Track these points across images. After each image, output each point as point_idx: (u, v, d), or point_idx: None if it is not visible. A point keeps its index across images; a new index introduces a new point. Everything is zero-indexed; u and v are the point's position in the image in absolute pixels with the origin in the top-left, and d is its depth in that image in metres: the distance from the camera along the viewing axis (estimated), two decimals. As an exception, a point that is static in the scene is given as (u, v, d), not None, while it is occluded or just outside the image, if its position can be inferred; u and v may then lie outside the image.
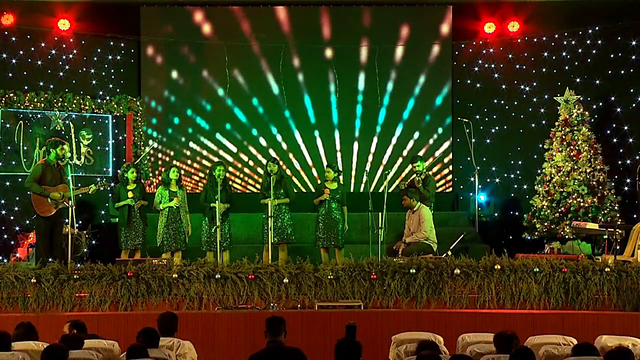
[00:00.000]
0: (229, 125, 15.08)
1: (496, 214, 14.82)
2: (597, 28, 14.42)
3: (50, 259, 10.84)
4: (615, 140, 14.22)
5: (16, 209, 13.62)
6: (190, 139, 15.04)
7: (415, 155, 13.54)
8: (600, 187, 13.19)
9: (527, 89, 14.85)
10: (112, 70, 14.78)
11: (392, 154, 15.08)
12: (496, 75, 15.05)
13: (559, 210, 13.21)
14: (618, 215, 13.12)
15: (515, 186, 14.96)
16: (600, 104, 14.38)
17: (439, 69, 15.17)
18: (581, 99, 13.70)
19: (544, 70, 14.80)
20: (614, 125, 14.26)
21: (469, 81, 15.17)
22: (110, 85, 14.71)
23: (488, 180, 14.96)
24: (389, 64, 15.08)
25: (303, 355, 6.03)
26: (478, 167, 14.10)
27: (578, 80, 14.46)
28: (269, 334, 6.69)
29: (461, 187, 15.21)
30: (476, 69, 15.13)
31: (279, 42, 14.95)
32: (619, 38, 14.30)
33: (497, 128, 15.09)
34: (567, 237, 13.05)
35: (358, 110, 15.14)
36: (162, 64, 15.06)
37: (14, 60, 14.09)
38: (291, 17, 15.10)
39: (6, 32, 14.01)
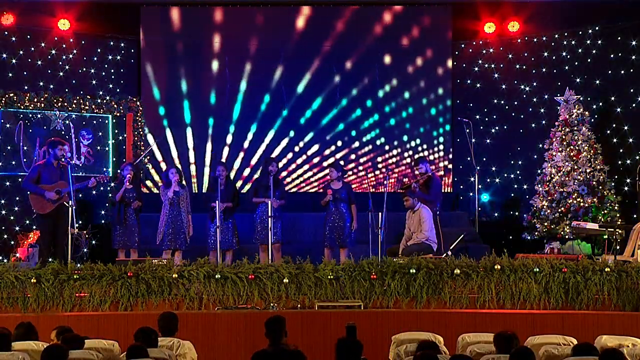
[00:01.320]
0: (228, 125, 15.07)
1: (496, 214, 14.82)
2: (597, 28, 14.42)
3: (50, 259, 10.84)
4: (615, 140, 14.22)
5: (16, 209, 13.62)
6: (190, 138, 15.03)
7: (418, 158, 13.53)
8: (600, 187, 13.19)
9: (527, 89, 14.86)
10: (112, 70, 14.79)
11: (391, 154, 15.08)
12: (496, 75, 15.05)
13: (559, 210, 13.21)
14: (618, 215, 13.12)
15: (515, 186, 14.96)
16: (600, 104, 14.38)
17: (439, 69, 15.18)
18: (581, 99, 13.71)
19: (544, 70, 14.80)
20: (614, 125, 14.26)
21: (469, 81, 15.18)
22: (110, 85, 14.72)
23: (488, 180, 14.97)
24: (389, 63, 15.08)
25: (304, 358, 6.02)
26: (478, 167, 14.11)
27: (578, 80, 14.47)
28: (270, 336, 6.66)
29: (461, 187, 15.21)
30: (476, 69, 15.14)
31: (280, 42, 14.95)
32: (619, 38, 14.30)
33: (497, 128, 15.10)
34: (567, 237, 13.06)
35: (358, 110, 15.14)
36: (162, 64, 15.05)
37: (14, 60, 14.10)
38: (291, 17, 15.11)
39: (6, 32, 14.01)
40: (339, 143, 15.14)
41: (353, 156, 15.13)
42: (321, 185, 14.24)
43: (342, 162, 14.77)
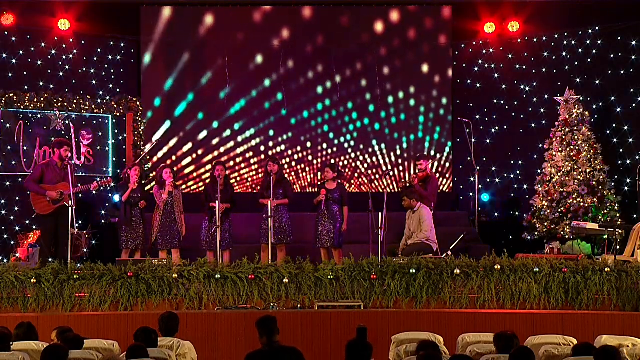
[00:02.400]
0: (228, 124, 15.08)
1: (496, 214, 14.82)
2: (597, 28, 14.42)
3: (51, 259, 10.84)
4: (615, 140, 14.22)
5: (16, 209, 13.63)
6: (190, 138, 15.04)
7: (420, 154, 13.54)
8: (600, 187, 13.19)
9: (527, 89, 14.86)
10: (112, 70, 14.79)
11: (391, 154, 15.08)
12: (496, 75, 15.05)
13: (559, 210, 13.21)
14: (618, 215, 13.12)
15: (515, 186, 14.96)
16: (600, 104, 14.38)
17: (438, 69, 15.18)
18: (581, 99, 13.71)
19: (544, 70, 14.80)
20: (614, 125, 14.26)
21: (469, 81, 15.18)
22: (110, 85, 14.72)
23: (488, 180, 14.97)
24: (388, 64, 15.08)
25: (300, 354, 6.05)
26: (478, 167, 14.10)
27: (578, 80, 14.47)
28: (263, 335, 6.68)
29: (461, 187, 15.21)
30: (476, 69, 15.14)
31: (279, 42, 14.95)
32: (619, 38, 14.30)
33: (497, 128, 15.10)
34: (567, 237, 13.05)
35: (358, 110, 15.14)
36: (162, 64, 15.06)
37: (14, 60, 14.10)
38: (291, 17, 15.12)
39: (6, 32, 14.01)
40: (338, 143, 15.12)
41: (352, 156, 15.12)
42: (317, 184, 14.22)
43: (340, 163, 14.78)
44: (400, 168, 15.08)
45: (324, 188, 12.00)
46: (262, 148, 15.05)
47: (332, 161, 14.74)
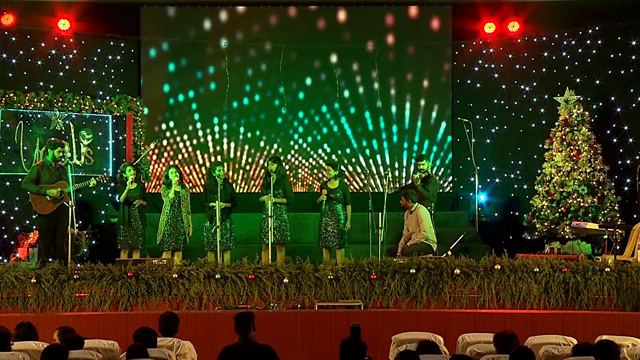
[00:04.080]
0: (229, 124, 15.08)
1: (496, 214, 14.82)
2: (597, 28, 14.42)
3: (50, 259, 10.84)
4: (615, 140, 14.22)
5: (16, 209, 13.63)
6: (191, 138, 15.04)
7: (421, 154, 13.53)
8: (600, 187, 13.19)
9: (527, 89, 14.85)
10: (112, 70, 14.78)
11: (391, 154, 15.08)
12: (496, 75, 15.05)
13: (559, 210, 13.21)
14: (618, 215, 13.12)
15: (515, 186, 14.96)
16: (600, 104, 14.38)
17: (438, 69, 15.18)
18: (581, 99, 13.70)
19: (544, 70, 14.80)
20: (614, 125, 14.26)
21: (469, 81, 15.17)
22: (110, 85, 14.71)
23: (488, 180, 14.97)
24: (389, 63, 15.09)
25: (273, 352, 6.08)
26: (478, 167, 14.10)
27: (578, 80, 14.46)
28: (238, 331, 6.71)
29: (461, 187, 15.21)
30: (476, 69, 15.13)
31: (279, 42, 14.95)
32: (619, 38, 14.29)
33: (497, 128, 15.10)
34: (567, 237, 13.05)
35: (358, 110, 15.13)
36: (162, 64, 15.05)
37: (14, 60, 14.09)
38: (291, 17, 15.12)
39: (6, 32, 14.01)
40: (338, 142, 15.12)
41: (352, 155, 15.11)
42: (318, 184, 14.22)
43: (339, 162, 14.77)
44: (401, 168, 15.06)
45: (325, 188, 12.00)
46: (263, 147, 15.04)
47: (334, 159, 14.71)
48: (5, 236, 13.55)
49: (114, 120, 14.36)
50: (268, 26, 15.09)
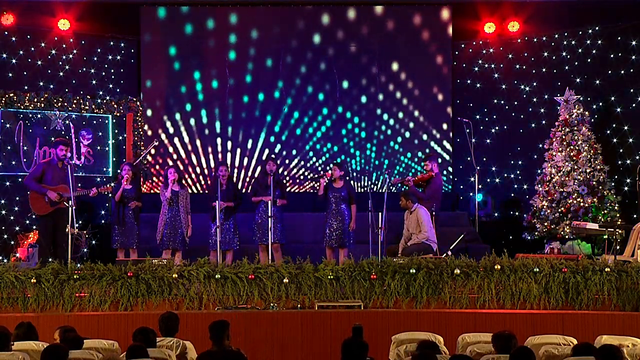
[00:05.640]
0: (229, 124, 15.08)
1: (496, 214, 14.82)
2: (597, 28, 14.42)
3: (50, 259, 10.84)
4: (615, 140, 14.22)
5: (16, 209, 13.63)
6: (191, 138, 15.04)
7: (429, 154, 13.51)
8: (600, 187, 13.19)
9: (527, 89, 14.86)
10: (112, 70, 14.79)
11: (392, 154, 15.09)
12: (496, 75, 15.05)
13: (559, 210, 13.21)
14: (618, 215, 13.12)
15: (515, 186, 14.97)
16: (600, 104, 14.38)
17: (438, 69, 15.18)
18: (581, 99, 13.71)
19: (544, 70, 14.81)
20: (614, 125, 14.26)
21: (469, 81, 15.18)
22: (110, 85, 14.72)
23: (488, 180, 14.97)
24: (388, 63, 15.09)
25: (244, 358, 6.11)
26: (478, 167, 14.11)
27: (578, 80, 14.47)
28: (212, 339, 6.79)
29: (461, 187, 15.21)
30: (476, 69, 15.14)
31: (279, 41, 14.96)
32: (619, 38, 14.30)
33: (497, 128, 15.10)
34: (567, 237, 13.06)
35: (358, 109, 15.14)
36: (162, 64, 15.05)
37: (14, 60, 14.10)
38: (291, 16, 15.12)
39: (6, 32, 14.02)
40: (339, 142, 15.12)
41: (353, 155, 15.12)
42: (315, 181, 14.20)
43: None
44: (401, 168, 15.07)
45: (323, 177, 12.01)
46: (263, 147, 15.04)
47: (339, 160, 14.71)
48: (5, 236, 13.55)
49: (114, 120, 14.36)
50: (268, 25, 15.09)
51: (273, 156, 14.13)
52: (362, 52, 15.07)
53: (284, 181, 14.14)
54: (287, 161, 14.96)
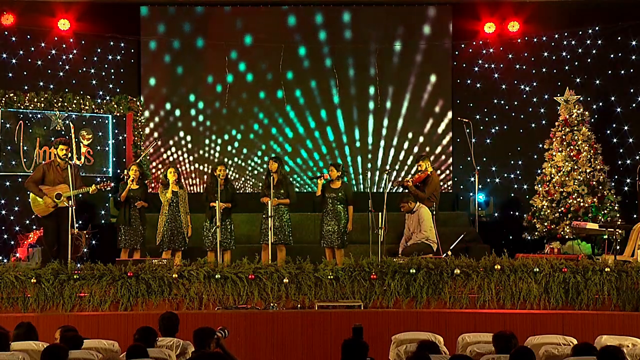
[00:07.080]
0: (229, 124, 15.09)
1: (496, 214, 14.82)
2: (597, 28, 14.42)
3: (53, 259, 10.82)
4: (615, 140, 14.22)
5: (16, 209, 13.63)
6: (191, 138, 15.04)
7: (421, 155, 13.52)
8: (600, 187, 13.19)
9: (527, 89, 14.86)
10: (112, 70, 14.79)
11: (391, 154, 15.09)
12: (496, 75, 15.05)
13: (559, 210, 13.21)
14: (618, 215, 13.12)
15: (515, 186, 14.97)
16: (600, 104, 14.39)
17: (438, 69, 15.18)
18: (581, 99, 13.71)
19: (544, 70, 14.80)
20: (614, 125, 14.26)
21: (469, 81, 15.17)
22: (110, 85, 14.72)
23: (488, 180, 14.97)
24: (388, 64, 15.09)
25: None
26: (478, 167, 14.10)
27: (578, 80, 14.47)
28: (195, 346, 6.81)
29: (461, 187, 15.21)
30: (476, 69, 15.13)
31: (279, 41, 14.96)
32: (619, 38, 14.30)
33: (497, 128, 15.10)
34: (567, 237, 13.05)
35: (358, 110, 15.13)
36: (162, 64, 15.06)
37: (14, 60, 14.09)
38: (291, 16, 15.13)
39: (6, 32, 14.01)
40: (339, 142, 15.12)
41: (353, 155, 15.12)
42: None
43: (341, 162, 14.78)
44: (401, 168, 15.07)
45: (324, 174, 11.99)
46: (264, 147, 15.05)
47: (338, 160, 14.71)
48: (5, 236, 13.55)
49: (114, 120, 14.36)
50: (268, 25, 15.08)
51: (273, 155, 14.12)
52: (362, 51, 15.06)
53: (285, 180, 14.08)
54: (287, 161, 14.94)
